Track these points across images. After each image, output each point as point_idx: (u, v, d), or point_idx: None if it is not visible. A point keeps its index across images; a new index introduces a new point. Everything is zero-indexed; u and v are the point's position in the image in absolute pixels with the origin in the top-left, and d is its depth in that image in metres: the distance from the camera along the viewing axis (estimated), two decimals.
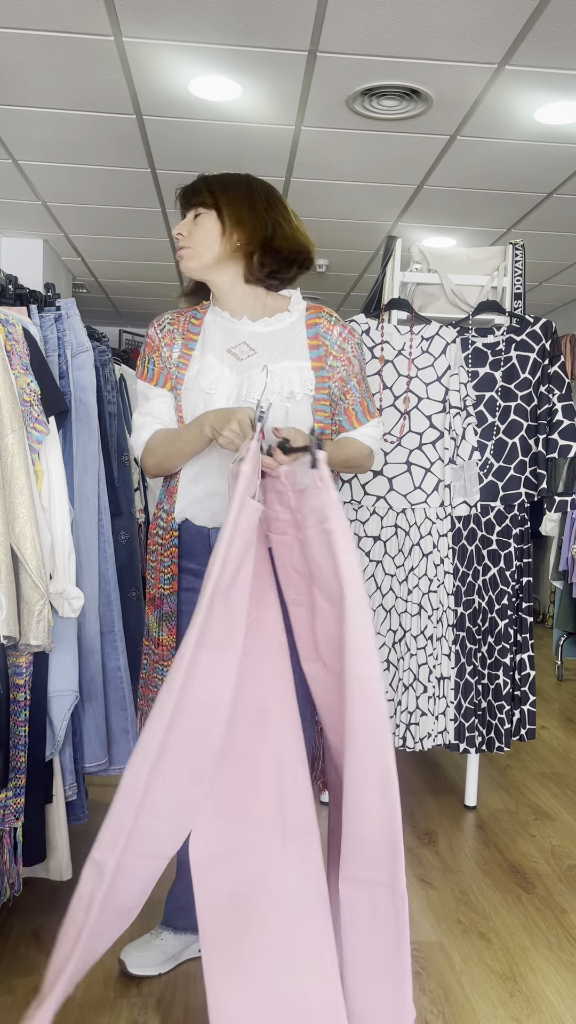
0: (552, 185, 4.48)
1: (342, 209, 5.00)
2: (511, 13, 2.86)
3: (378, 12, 2.88)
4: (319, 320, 1.99)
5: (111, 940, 1.69)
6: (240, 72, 3.37)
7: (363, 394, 2.03)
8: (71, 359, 2.21)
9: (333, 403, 2.00)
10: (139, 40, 3.13)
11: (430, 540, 3.01)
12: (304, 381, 1.95)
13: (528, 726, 3.10)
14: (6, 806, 1.97)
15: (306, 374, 1.95)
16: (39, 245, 5.89)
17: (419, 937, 2.37)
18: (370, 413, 2.04)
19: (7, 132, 3.99)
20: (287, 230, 1.98)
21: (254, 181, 2.02)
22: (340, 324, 2.01)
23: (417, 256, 3.32)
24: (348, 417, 2.02)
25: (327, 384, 1.98)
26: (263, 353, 1.96)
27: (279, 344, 1.97)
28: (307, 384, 1.95)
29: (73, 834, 2.27)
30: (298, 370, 1.95)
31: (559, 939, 2.38)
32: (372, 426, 2.05)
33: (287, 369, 1.94)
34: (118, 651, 2.37)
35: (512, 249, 3.21)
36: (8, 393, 1.91)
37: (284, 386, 1.93)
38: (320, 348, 1.97)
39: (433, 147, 4.02)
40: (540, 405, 3.03)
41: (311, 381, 1.96)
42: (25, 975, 2.14)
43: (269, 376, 1.92)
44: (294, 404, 1.93)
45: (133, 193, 4.84)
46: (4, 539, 1.86)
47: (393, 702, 3.01)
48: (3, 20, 3.01)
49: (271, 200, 1.99)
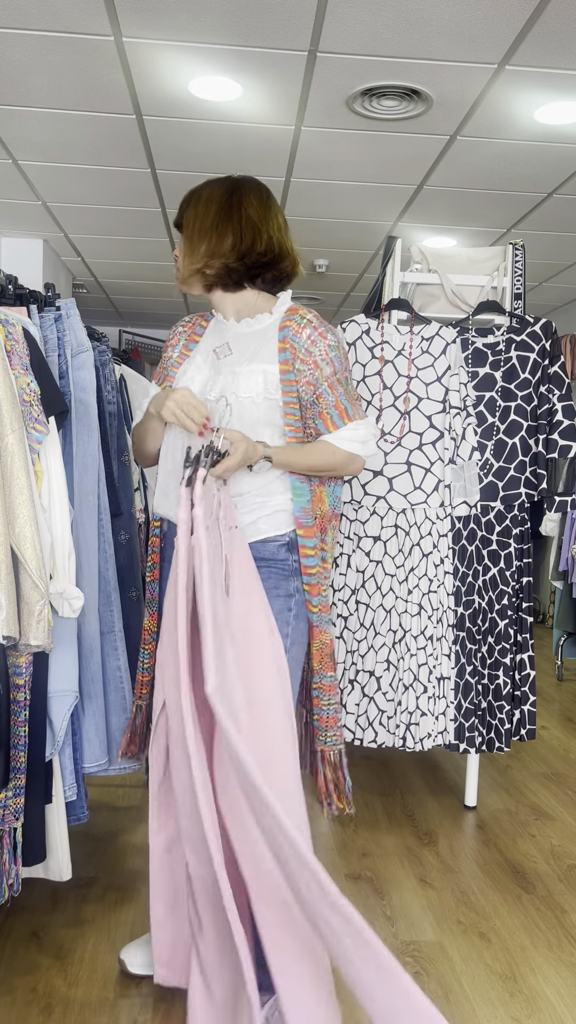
0: (552, 185, 4.48)
1: (342, 209, 5.00)
2: (511, 13, 2.86)
3: (378, 12, 2.88)
4: (289, 323, 1.97)
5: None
6: (240, 72, 3.37)
7: (339, 398, 1.98)
8: (71, 359, 2.21)
9: (304, 407, 1.97)
10: (139, 40, 3.13)
11: (430, 540, 3.01)
12: (268, 384, 1.94)
13: (528, 726, 3.10)
14: (6, 806, 1.97)
15: (271, 378, 1.94)
16: (39, 245, 5.89)
17: (419, 937, 2.37)
18: (349, 416, 2.00)
19: (7, 132, 3.99)
20: (244, 242, 1.95)
21: (211, 193, 2.00)
22: (311, 327, 1.95)
23: (417, 256, 3.32)
24: (324, 421, 1.98)
25: (294, 388, 1.94)
26: (238, 354, 1.99)
27: (252, 345, 1.99)
28: (271, 388, 1.94)
29: (73, 834, 2.27)
30: (263, 373, 1.94)
31: (559, 939, 2.38)
32: (350, 429, 1.99)
33: (254, 372, 1.94)
34: (118, 651, 2.37)
35: (512, 249, 3.21)
36: (8, 393, 1.91)
37: (249, 389, 1.94)
38: (287, 352, 1.95)
39: (433, 147, 4.02)
40: (540, 405, 3.03)
41: (276, 385, 1.94)
42: (25, 975, 2.14)
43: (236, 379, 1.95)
44: (255, 407, 1.93)
45: (133, 193, 4.84)
46: (4, 539, 1.86)
47: (393, 702, 3.01)
48: (3, 20, 3.01)
49: (231, 211, 1.96)
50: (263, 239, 1.96)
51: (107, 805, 3.14)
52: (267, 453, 1.90)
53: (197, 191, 2.03)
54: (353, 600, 3.04)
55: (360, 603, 3.03)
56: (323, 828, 3.03)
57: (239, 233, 1.95)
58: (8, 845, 1.99)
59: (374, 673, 3.01)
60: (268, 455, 1.90)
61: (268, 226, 1.98)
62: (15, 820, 1.99)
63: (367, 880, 2.67)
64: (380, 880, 2.68)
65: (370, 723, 3.01)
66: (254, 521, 1.96)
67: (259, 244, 1.96)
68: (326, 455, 1.98)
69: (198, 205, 2.00)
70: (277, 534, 1.96)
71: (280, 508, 1.97)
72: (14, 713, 1.98)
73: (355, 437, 2.01)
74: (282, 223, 2.03)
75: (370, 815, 3.16)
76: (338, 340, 2.00)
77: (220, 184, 2.02)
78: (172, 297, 7.51)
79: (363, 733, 3.01)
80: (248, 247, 1.95)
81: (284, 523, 1.97)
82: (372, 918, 2.46)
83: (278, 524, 1.96)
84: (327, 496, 2.04)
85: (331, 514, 2.05)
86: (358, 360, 3.01)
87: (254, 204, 1.98)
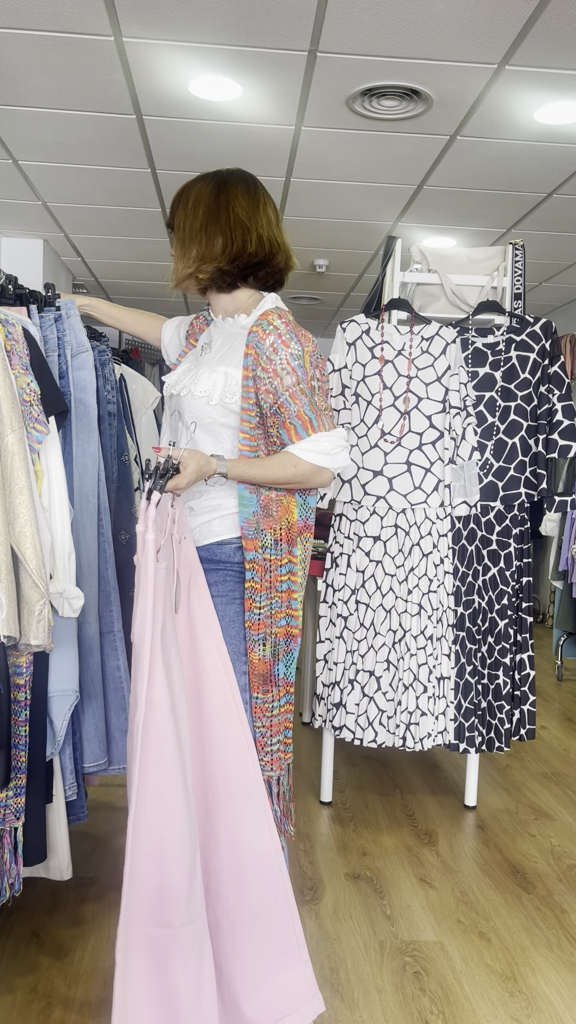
0: (552, 185, 4.48)
1: (342, 209, 5.00)
2: (511, 13, 2.86)
3: (378, 12, 2.88)
4: (256, 328, 1.91)
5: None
6: (240, 72, 3.37)
7: (301, 408, 1.89)
8: (71, 359, 2.21)
9: (264, 415, 1.91)
10: (139, 40, 3.13)
11: (430, 540, 3.01)
12: (227, 388, 1.91)
13: (528, 726, 3.10)
14: (6, 806, 1.97)
15: (232, 381, 1.91)
16: (39, 245, 5.89)
17: (419, 937, 2.37)
18: (313, 428, 1.90)
19: (7, 132, 3.99)
20: (235, 244, 1.93)
21: (199, 193, 1.98)
22: (276, 334, 1.88)
23: (417, 256, 3.32)
24: (287, 431, 1.90)
25: (253, 395, 1.90)
26: (215, 352, 1.99)
27: (225, 346, 1.98)
28: (229, 392, 1.91)
29: (73, 834, 2.27)
30: (225, 375, 1.92)
31: (559, 939, 2.38)
32: (313, 440, 1.90)
33: (216, 373, 1.93)
34: (118, 651, 2.37)
35: (512, 249, 3.21)
36: (8, 393, 1.91)
37: (205, 388, 1.92)
38: (251, 357, 1.90)
39: (433, 147, 4.02)
40: (540, 405, 3.03)
41: (235, 389, 1.91)
42: (25, 975, 2.14)
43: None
44: (210, 408, 1.92)
45: (133, 193, 4.84)
46: (4, 539, 1.86)
47: (393, 702, 3.01)
48: (3, 20, 3.01)
49: (219, 212, 1.94)
50: (253, 239, 1.94)
51: (107, 805, 3.14)
52: (221, 469, 1.86)
53: (185, 190, 2.00)
54: (353, 600, 3.04)
55: (360, 603, 3.03)
56: (323, 828, 3.03)
57: (228, 235, 1.92)
58: (9, 845, 1.99)
59: (374, 673, 3.01)
60: (223, 471, 1.86)
61: (257, 224, 1.95)
62: (16, 820, 1.99)
63: (367, 880, 2.68)
64: (380, 880, 2.68)
65: (370, 723, 3.01)
66: (208, 522, 1.93)
67: (250, 244, 1.93)
68: (287, 467, 1.90)
69: (187, 207, 1.98)
70: (232, 536, 1.92)
71: (234, 511, 1.93)
72: (15, 713, 1.98)
73: (319, 449, 1.90)
74: (272, 217, 1.98)
75: (370, 815, 3.16)
76: (302, 350, 1.91)
77: (207, 182, 1.98)
78: (172, 297, 7.50)
79: (363, 733, 3.02)
80: (239, 249, 1.93)
81: (238, 526, 1.93)
82: (372, 918, 2.46)
83: (232, 526, 1.92)
84: (296, 507, 1.96)
85: (301, 525, 1.97)
86: (358, 360, 3.01)
87: (242, 203, 1.95)
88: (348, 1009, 2.05)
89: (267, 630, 1.93)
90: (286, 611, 1.97)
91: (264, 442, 1.93)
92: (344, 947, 2.31)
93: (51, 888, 2.52)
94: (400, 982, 2.17)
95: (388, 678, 3.01)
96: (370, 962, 2.25)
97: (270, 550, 1.93)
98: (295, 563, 1.96)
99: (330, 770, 3.24)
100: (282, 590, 1.95)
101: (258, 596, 1.91)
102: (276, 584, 1.94)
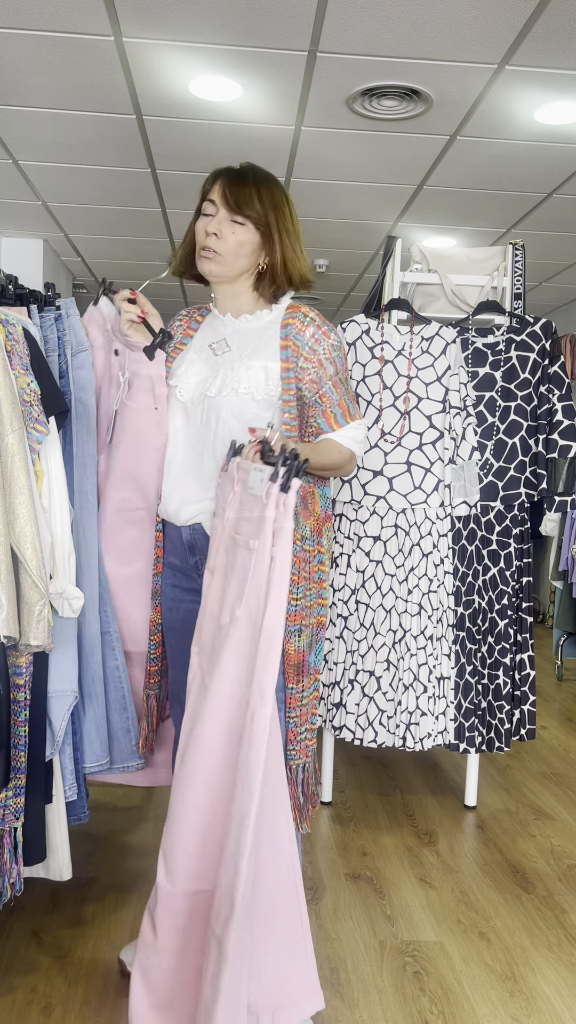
0: (552, 185, 4.48)
1: (342, 209, 5.00)
2: (511, 13, 2.86)
3: (378, 12, 2.88)
4: (292, 320, 1.95)
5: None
6: (240, 72, 3.37)
7: (342, 396, 1.98)
8: (71, 359, 2.21)
9: (303, 405, 1.95)
10: (139, 40, 3.13)
11: (430, 540, 3.01)
12: (268, 381, 1.93)
13: (528, 726, 3.10)
14: (6, 806, 1.97)
15: (272, 374, 1.93)
16: (39, 245, 5.89)
17: (419, 937, 2.37)
18: (351, 416, 2.00)
19: (7, 132, 3.99)
20: (300, 260, 1.99)
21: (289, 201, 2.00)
22: (315, 325, 1.95)
23: (417, 256, 3.32)
24: (327, 420, 1.97)
25: (294, 386, 1.93)
26: (237, 350, 1.98)
27: (252, 342, 1.98)
28: (271, 384, 1.93)
29: (73, 834, 2.27)
30: (264, 370, 1.93)
31: (559, 939, 2.38)
32: (353, 428, 2.00)
33: (254, 368, 1.93)
34: (115, 650, 2.37)
35: (512, 249, 3.21)
36: (8, 393, 1.91)
37: (249, 384, 1.93)
38: (289, 349, 1.93)
39: (433, 147, 4.02)
40: (540, 405, 3.03)
41: (276, 382, 1.93)
42: (25, 975, 2.14)
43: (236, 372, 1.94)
44: (254, 403, 1.93)
45: (133, 193, 4.84)
46: (4, 539, 1.86)
47: (393, 702, 3.01)
48: (3, 20, 3.01)
49: (296, 223, 1.99)
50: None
51: (107, 805, 3.14)
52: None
53: (280, 185, 1.98)
54: (353, 600, 3.04)
55: (360, 603, 3.03)
56: (323, 828, 3.03)
57: (302, 250, 2.01)
58: (9, 845, 1.99)
59: (374, 673, 3.01)
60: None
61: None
62: (15, 820, 1.99)
63: (367, 880, 2.68)
64: (380, 880, 2.68)
65: (370, 723, 3.01)
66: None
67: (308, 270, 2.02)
68: (335, 454, 1.98)
69: (287, 206, 1.97)
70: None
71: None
72: (14, 713, 1.98)
73: (355, 437, 2.01)
74: None
75: (370, 815, 3.16)
76: (340, 340, 2.00)
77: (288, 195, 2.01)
78: (172, 297, 7.51)
79: (363, 733, 3.02)
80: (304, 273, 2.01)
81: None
82: (372, 918, 2.46)
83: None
84: (319, 498, 2.02)
85: (323, 516, 2.02)
86: (358, 360, 3.01)
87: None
88: (348, 1009, 2.06)
89: (303, 621, 1.96)
90: (318, 601, 2.01)
91: (300, 432, 1.98)
92: (344, 947, 2.31)
93: (51, 888, 2.52)
94: (400, 982, 2.17)
95: (388, 678, 3.01)
96: (370, 962, 2.25)
97: (309, 541, 1.98)
98: (323, 553, 2.02)
99: (330, 770, 3.24)
100: (315, 580, 1.99)
101: (296, 588, 1.94)
102: (312, 575, 1.99)
